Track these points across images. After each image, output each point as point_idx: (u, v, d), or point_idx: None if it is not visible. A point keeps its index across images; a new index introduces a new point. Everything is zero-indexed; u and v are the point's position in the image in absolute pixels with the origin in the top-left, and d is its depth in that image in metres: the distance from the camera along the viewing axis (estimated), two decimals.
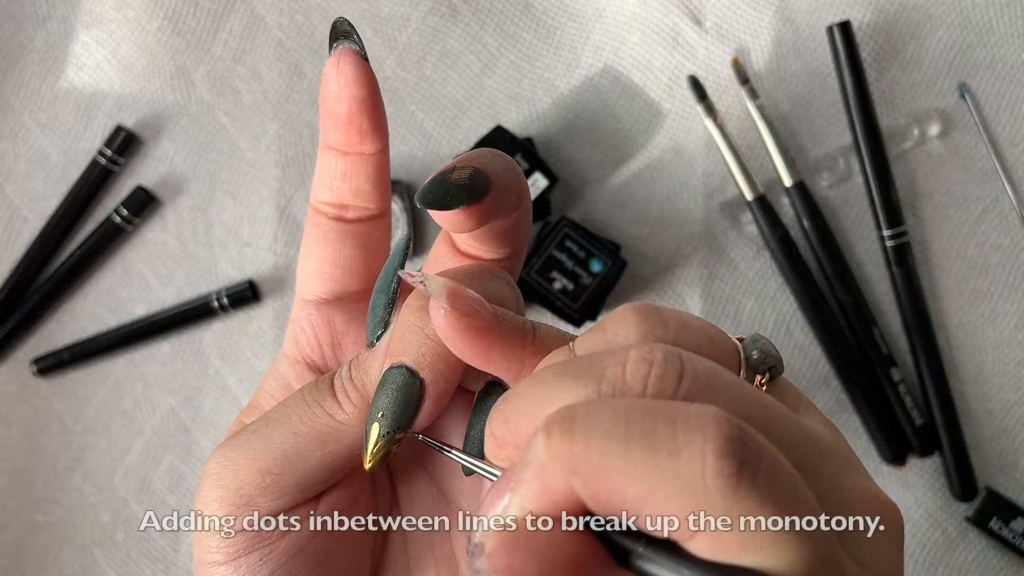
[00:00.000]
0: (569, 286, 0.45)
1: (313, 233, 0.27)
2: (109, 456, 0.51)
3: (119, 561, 0.50)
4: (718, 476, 0.16)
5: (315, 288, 0.27)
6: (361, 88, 0.24)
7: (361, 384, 0.24)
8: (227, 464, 0.24)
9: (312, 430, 0.24)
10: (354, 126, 0.25)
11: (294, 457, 0.24)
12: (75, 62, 0.51)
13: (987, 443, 0.48)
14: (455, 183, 0.23)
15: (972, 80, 0.49)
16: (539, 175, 0.46)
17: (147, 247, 0.51)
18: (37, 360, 0.51)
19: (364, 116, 0.25)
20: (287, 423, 0.24)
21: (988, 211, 0.48)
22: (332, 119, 0.25)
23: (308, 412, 0.24)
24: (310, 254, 0.27)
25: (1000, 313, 0.48)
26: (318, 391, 0.24)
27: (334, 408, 0.24)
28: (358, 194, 0.26)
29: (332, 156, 0.26)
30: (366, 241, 0.27)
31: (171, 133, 0.51)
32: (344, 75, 0.24)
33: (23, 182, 0.52)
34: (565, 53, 0.50)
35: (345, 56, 0.24)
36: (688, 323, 0.20)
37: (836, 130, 0.49)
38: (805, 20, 0.49)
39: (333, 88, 0.24)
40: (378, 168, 0.26)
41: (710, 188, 0.49)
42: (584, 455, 0.17)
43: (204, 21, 0.51)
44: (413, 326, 0.22)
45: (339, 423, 0.24)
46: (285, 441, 0.24)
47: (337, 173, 0.26)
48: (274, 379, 0.27)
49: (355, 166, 0.26)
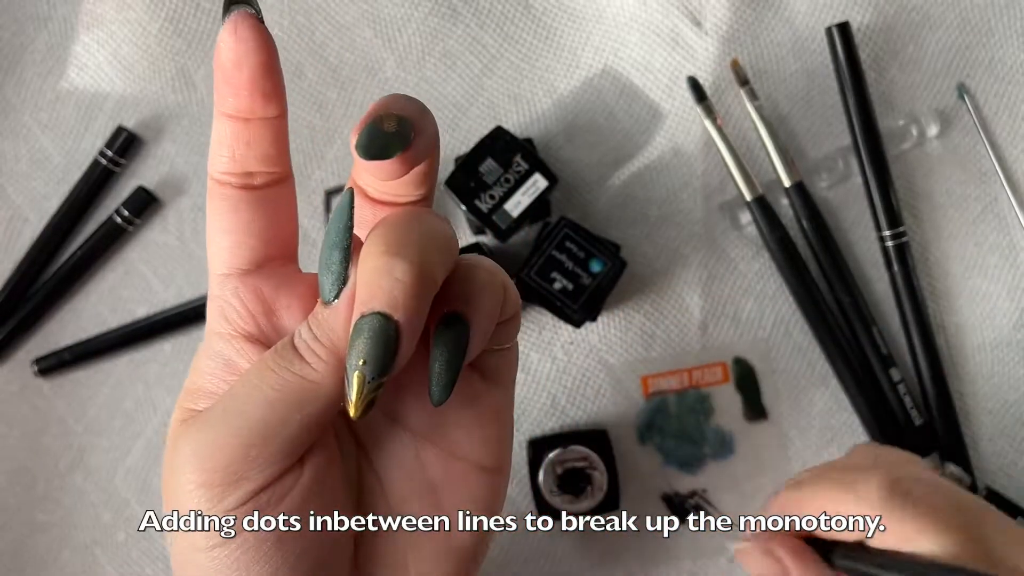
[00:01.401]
0: (569, 286, 0.45)
1: (221, 206, 0.26)
2: (110, 456, 0.51)
3: (120, 561, 0.50)
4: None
5: (233, 261, 0.26)
6: (261, 53, 0.24)
7: (328, 341, 0.24)
8: (205, 446, 0.24)
9: (287, 395, 0.24)
10: (258, 92, 0.24)
11: (276, 425, 0.24)
12: (76, 63, 0.51)
13: (986, 443, 0.48)
14: (389, 132, 0.23)
15: (971, 81, 0.49)
16: (539, 175, 0.46)
17: (148, 247, 0.51)
18: (38, 360, 0.51)
19: (267, 80, 0.24)
20: (258, 394, 0.24)
21: (987, 211, 0.49)
22: (232, 86, 0.24)
23: (278, 378, 0.24)
24: (221, 228, 0.26)
25: (999, 313, 0.48)
26: (282, 356, 0.24)
27: (304, 369, 0.24)
28: (264, 160, 0.26)
29: (233, 124, 0.25)
30: (276, 206, 0.27)
31: (172, 134, 0.51)
32: (243, 41, 0.24)
33: (24, 182, 0.52)
34: (565, 54, 0.50)
35: (242, 20, 0.24)
36: None
37: (835, 131, 0.49)
38: (804, 21, 0.49)
39: (231, 55, 0.24)
40: (281, 131, 0.26)
41: (709, 188, 0.49)
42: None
43: (205, 22, 0.51)
44: (381, 271, 0.23)
45: (313, 383, 0.24)
46: (262, 412, 0.24)
47: (240, 141, 0.25)
48: (210, 359, 0.26)
49: (259, 131, 0.25)
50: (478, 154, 0.46)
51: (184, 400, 0.26)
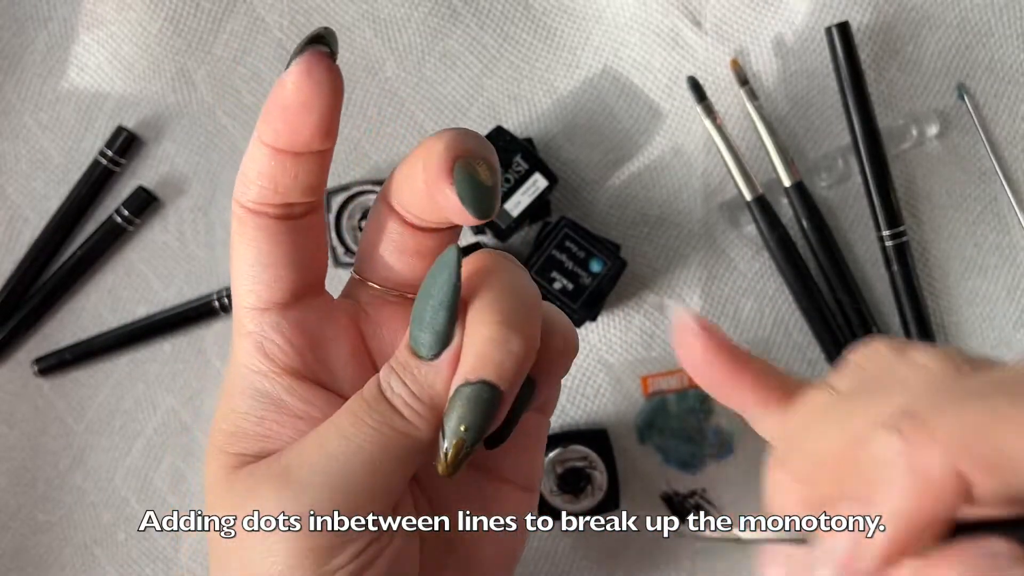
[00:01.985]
0: (569, 286, 0.45)
1: (257, 236, 0.25)
2: (110, 456, 0.51)
3: (120, 561, 0.50)
4: None
5: (272, 295, 0.25)
6: (333, 95, 0.23)
7: (428, 397, 0.24)
8: (306, 510, 0.23)
9: (390, 453, 0.24)
10: (321, 131, 0.24)
11: (382, 485, 0.24)
12: (76, 63, 0.51)
13: None
14: (491, 186, 0.23)
15: (970, 81, 0.49)
16: (539, 175, 0.46)
17: (148, 247, 0.51)
18: (38, 360, 0.51)
19: (333, 121, 0.24)
20: (361, 454, 0.23)
21: (987, 211, 0.49)
22: (292, 125, 0.23)
23: (379, 435, 0.24)
24: (257, 260, 0.25)
25: (999, 313, 0.48)
26: (378, 411, 0.24)
27: (407, 426, 0.24)
28: (307, 190, 0.25)
29: (281, 158, 0.24)
30: (312, 233, 0.26)
31: (172, 134, 0.51)
32: (318, 84, 0.23)
33: (24, 182, 0.52)
34: (565, 54, 0.50)
35: (319, 62, 0.23)
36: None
37: (835, 131, 0.49)
38: (804, 21, 0.49)
39: (299, 96, 0.23)
40: (328, 159, 0.25)
41: (709, 188, 0.49)
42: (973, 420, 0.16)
43: (205, 22, 0.51)
44: (497, 343, 0.23)
45: (415, 439, 0.24)
46: (367, 471, 0.23)
47: (288, 175, 0.24)
48: (252, 399, 0.25)
49: (309, 165, 0.25)
50: None
51: (224, 443, 0.25)
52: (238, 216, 0.25)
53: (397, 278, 0.27)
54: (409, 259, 0.26)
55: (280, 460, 0.24)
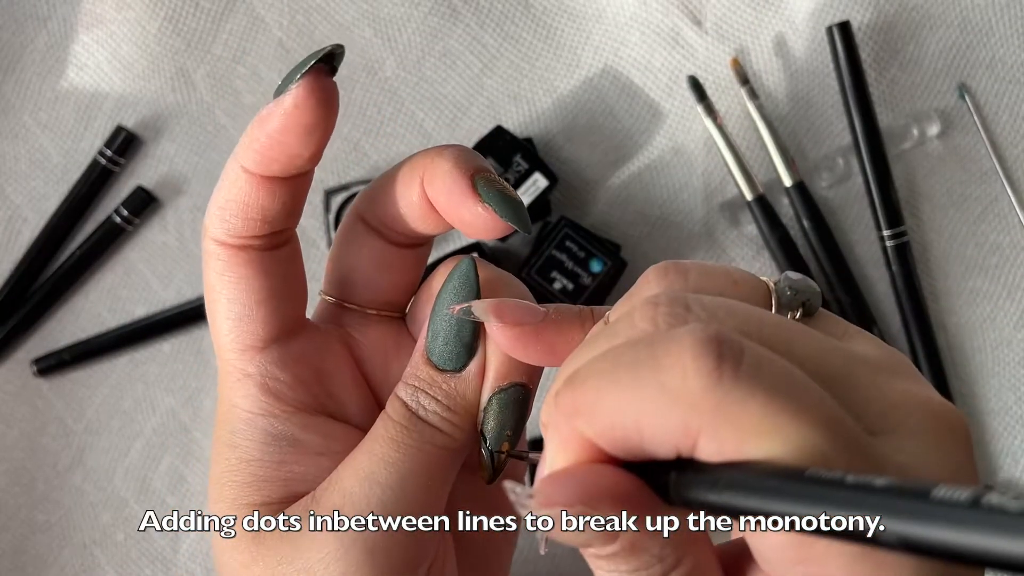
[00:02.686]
0: (569, 286, 0.45)
1: (244, 273, 0.24)
2: (109, 456, 0.51)
3: (119, 561, 0.50)
4: (698, 375, 0.16)
5: (268, 332, 0.24)
6: (333, 117, 0.22)
7: (462, 408, 0.24)
8: (379, 546, 0.23)
9: (440, 472, 0.24)
10: (320, 151, 0.23)
11: (439, 503, 0.24)
12: (76, 62, 0.51)
13: (987, 443, 0.48)
14: (518, 198, 0.23)
15: (971, 80, 0.49)
16: (539, 175, 0.46)
17: (147, 247, 0.51)
18: (37, 360, 0.51)
19: (326, 141, 0.23)
20: (415, 479, 0.23)
21: (988, 211, 0.48)
22: (286, 148, 0.22)
23: (427, 457, 0.24)
24: (250, 296, 0.24)
25: (1000, 313, 0.48)
26: (418, 433, 0.24)
27: (448, 441, 0.24)
28: (292, 214, 0.24)
29: (268, 185, 0.23)
30: (297, 257, 0.25)
31: (171, 133, 0.51)
32: (323, 104, 0.22)
33: (24, 182, 0.52)
34: (565, 53, 0.50)
35: (322, 82, 0.22)
36: (710, 270, 0.20)
37: (836, 130, 0.49)
38: (805, 20, 0.49)
39: (307, 119, 0.22)
40: (310, 178, 0.24)
41: (710, 188, 0.49)
42: (582, 397, 0.18)
43: (204, 21, 0.51)
44: None
45: (456, 452, 0.24)
46: (425, 496, 0.24)
47: (277, 201, 0.23)
48: (266, 444, 0.24)
49: (296, 187, 0.24)
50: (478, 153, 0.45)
51: (240, 496, 0.24)
52: (218, 255, 0.24)
53: (382, 298, 0.26)
54: (393, 276, 0.26)
55: (321, 503, 0.23)
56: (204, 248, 0.24)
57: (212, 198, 0.24)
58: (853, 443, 0.16)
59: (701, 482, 0.17)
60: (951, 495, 0.13)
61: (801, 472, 0.15)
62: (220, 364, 0.25)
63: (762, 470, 0.16)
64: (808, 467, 0.16)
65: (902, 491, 0.14)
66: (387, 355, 0.26)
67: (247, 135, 0.23)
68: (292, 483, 0.24)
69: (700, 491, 0.17)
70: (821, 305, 0.21)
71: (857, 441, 0.17)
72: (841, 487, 0.15)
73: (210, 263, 0.24)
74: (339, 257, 0.26)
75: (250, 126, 0.23)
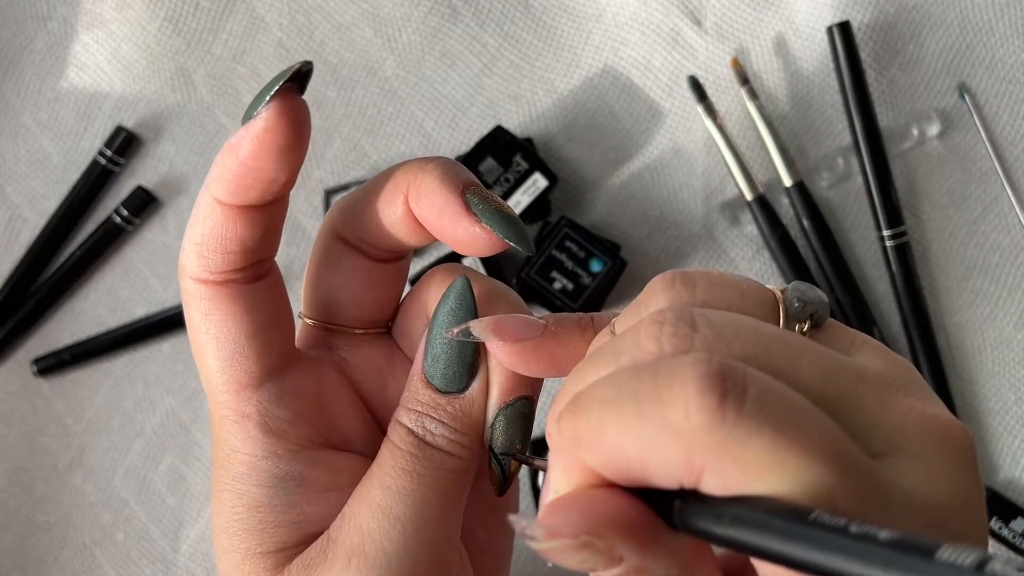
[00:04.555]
0: (569, 286, 0.45)
1: (232, 309, 0.23)
2: (109, 456, 0.51)
3: (119, 561, 0.50)
4: (702, 412, 0.16)
5: (261, 367, 0.23)
6: (306, 137, 0.22)
7: (469, 428, 0.24)
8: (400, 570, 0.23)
9: (454, 496, 0.24)
10: (297, 172, 0.22)
11: (457, 527, 0.24)
12: (75, 62, 0.51)
13: (987, 443, 0.48)
14: (514, 214, 0.23)
15: (971, 80, 0.49)
16: (539, 175, 0.46)
17: (147, 247, 0.51)
18: (37, 360, 0.51)
19: (300, 165, 0.22)
20: (432, 509, 0.23)
21: (988, 211, 0.48)
22: (262, 173, 0.21)
23: (442, 482, 0.23)
24: (241, 333, 0.23)
25: (1000, 313, 0.48)
26: (429, 459, 0.23)
27: (459, 463, 0.24)
28: (273, 242, 0.23)
29: (249, 214, 0.22)
30: (281, 284, 0.24)
31: (171, 133, 0.51)
32: (298, 124, 0.21)
33: (23, 182, 0.52)
34: (565, 53, 0.50)
35: (294, 103, 0.21)
36: (717, 282, 0.20)
37: (836, 130, 0.49)
38: (805, 20, 0.49)
39: (280, 141, 0.21)
40: (286, 206, 0.24)
41: (710, 188, 0.49)
42: (584, 426, 0.18)
43: (204, 21, 0.51)
44: None
45: (466, 472, 0.24)
46: (443, 522, 0.23)
47: (258, 230, 0.22)
48: (273, 488, 0.23)
49: (273, 214, 0.23)
50: (478, 153, 0.45)
51: (253, 545, 0.23)
52: (200, 294, 0.23)
53: (368, 315, 0.26)
54: (377, 292, 0.25)
55: (338, 542, 0.23)
56: (184, 289, 0.23)
57: (187, 235, 0.23)
58: (859, 475, 0.16)
59: (705, 513, 0.17)
60: (955, 558, 0.13)
61: (806, 515, 0.15)
62: (213, 407, 0.24)
63: (767, 507, 0.16)
64: (813, 509, 0.16)
65: (906, 547, 0.14)
66: (382, 374, 0.26)
67: (218, 165, 0.22)
68: (305, 524, 0.23)
69: (704, 522, 0.17)
70: (829, 315, 0.21)
71: (863, 472, 0.17)
72: (845, 535, 0.15)
73: (193, 303, 0.23)
74: (319, 278, 0.25)
75: (220, 156, 0.22)
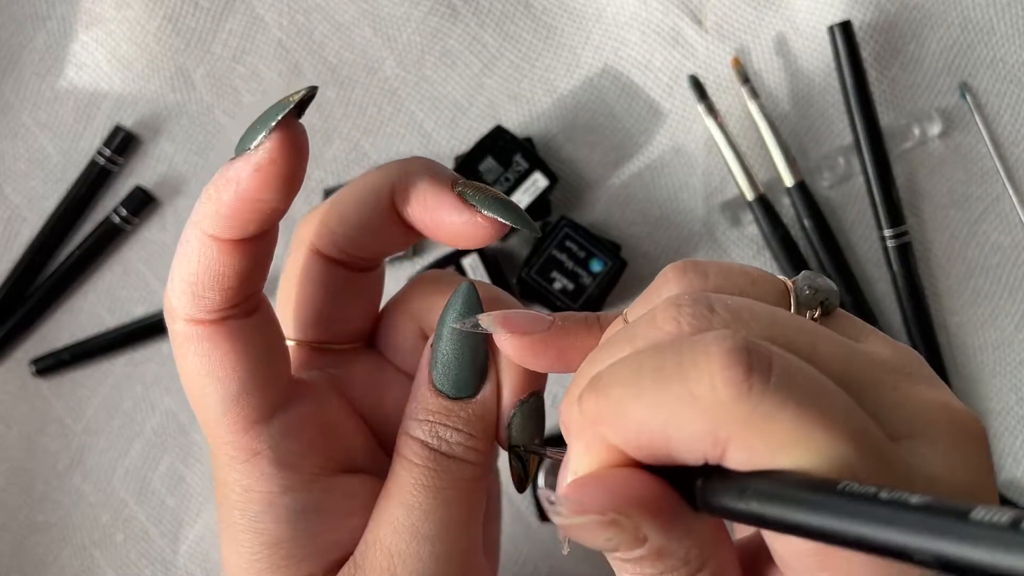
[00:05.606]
0: (569, 286, 0.45)
1: (232, 347, 0.22)
2: (108, 456, 0.51)
3: (118, 562, 0.50)
4: (728, 385, 0.16)
5: (266, 401, 0.23)
6: (306, 163, 0.21)
7: (483, 432, 0.24)
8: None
9: (475, 502, 0.24)
10: (289, 205, 0.21)
11: (478, 534, 0.24)
12: (74, 62, 0.51)
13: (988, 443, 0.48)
14: (510, 199, 0.23)
15: (973, 80, 0.48)
16: (539, 175, 0.45)
17: (146, 247, 0.51)
18: (36, 360, 0.51)
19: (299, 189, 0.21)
20: (459, 524, 0.23)
21: (989, 211, 0.48)
22: (262, 208, 0.20)
23: (463, 493, 0.23)
24: (242, 371, 0.22)
25: (1001, 313, 0.48)
26: (447, 471, 0.23)
27: (476, 471, 0.24)
28: (266, 270, 0.23)
29: (244, 248, 0.21)
30: (272, 313, 0.24)
31: (170, 133, 0.51)
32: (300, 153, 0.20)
33: (22, 182, 0.51)
34: (565, 53, 0.50)
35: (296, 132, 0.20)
36: (728, 270, 0.20)
37: (837, 130, 0.49)
38: (805, 20, 0.49)
39: (282, 171, 0.20)
40: (278, 230, 0.23)
41: (710, 188, 0.49)
42: (606, 404, 0.18)
43: (204, 21, 0.51)
44: None
45: (483, 477, 0.24)
46: (469, 534, 0.23)
47: (254, 262, 0.22)
48: (292, 522, 0.23)
49: (269, 241, 0.22)
50: (478, 153, 0.45)
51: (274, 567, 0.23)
52: (197, 336, 0.22)
53: (355, 328, 0.26)
54: (362, 304, 0.25)
55: (366, 568, 0.23)
56: (176, 332, 0.22)
57: (175, 275, 0.22)
58: (881, 454, 0.16)
59: (728, 490, 0.17)
60: (991, 517, 0.13)
61: (834, 485, 0.15)
62: (217, 447, 0.23)
63: (793, 481, 0.16)
64: (841, 480, 0.15)
65: (940, 510, 0.14)
66: (377, 387, 0.26)
67: (212, 200, 0.21)
68: (328, 553, 0.23)
69: (727, 499, 0.17)
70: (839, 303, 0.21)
71: (884, 451, 0.17)
72: (875, 502, 0.15)
73: (187, 346, 0.22)
74: (300, 296, 0.25)
75: (212, 189, 0.21)
